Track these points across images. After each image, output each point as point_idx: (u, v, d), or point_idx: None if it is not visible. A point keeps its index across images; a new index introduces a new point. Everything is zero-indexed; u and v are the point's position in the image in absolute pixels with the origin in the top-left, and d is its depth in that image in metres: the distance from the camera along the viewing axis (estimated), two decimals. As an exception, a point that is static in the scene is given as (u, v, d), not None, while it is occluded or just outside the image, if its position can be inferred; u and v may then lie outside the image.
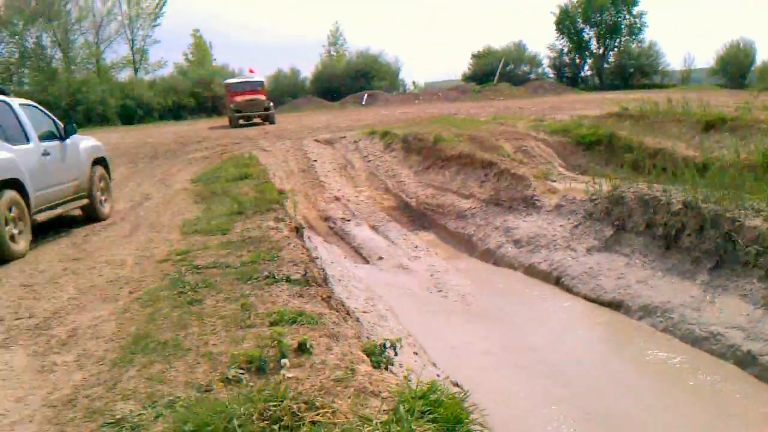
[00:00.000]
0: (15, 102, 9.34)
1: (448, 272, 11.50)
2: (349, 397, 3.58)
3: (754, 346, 7.20)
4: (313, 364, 4.11)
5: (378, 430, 3.18)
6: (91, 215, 10.86)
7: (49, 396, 4.31)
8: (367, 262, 12.49)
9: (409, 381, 3.75)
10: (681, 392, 6.96)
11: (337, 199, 16.40)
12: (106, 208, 11.19)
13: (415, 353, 7.09)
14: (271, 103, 33.39)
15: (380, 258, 12.44)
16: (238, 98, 32.33)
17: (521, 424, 6.30)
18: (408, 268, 11.78)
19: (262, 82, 35.82)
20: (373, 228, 14.52)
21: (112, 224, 10.54)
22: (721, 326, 7.76)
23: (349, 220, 14.93)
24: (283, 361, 3.97)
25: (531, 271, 11.25)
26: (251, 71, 38.12)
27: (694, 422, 6.38)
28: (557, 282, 10.59)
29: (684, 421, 6.41)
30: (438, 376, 6.45)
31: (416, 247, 13.11)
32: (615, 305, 9.32)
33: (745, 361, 7.19)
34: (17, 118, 9.10)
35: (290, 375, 3.81)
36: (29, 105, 9.85)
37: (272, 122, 31.80)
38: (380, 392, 3.66)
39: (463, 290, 10.55)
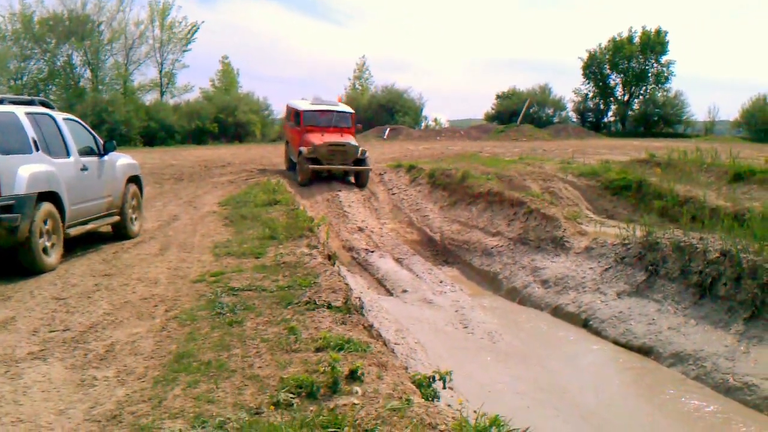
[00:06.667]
0: (59, 116, 9.45)
1: (474, 309, 11.35)
2: (407, 428, 3.49)
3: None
4: (365, 393, 4.03)
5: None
6: (120, 233, 10.88)
7: (92, 410, 4.25)
8: (391, 294, 12.36)
9: (465, 416, 3.67)
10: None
11: (361, 230, 16.34)
12: (135, 227, 11.20)
13: (451, 388, 6.99)
14: (367, 153, 20.03)
15: (404, 291, 12.32)
16: (316, 139, 19.22)
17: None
18: (433, 303, 11.65)
19: (351, 113, 21.57)
20: (397, 260, 14.42)
21: (142, 242, 10.53)
22: (756, 377, 7.60)
23: (372, 252, 14.84)
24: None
25: (558, 312, 11.09)
26: (339, 100, 24.37)
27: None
28: (585, 324, 10.42)
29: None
30: (474, 412, 6.32)
31: (441, 282, 12.99)
32: (645, 351, 9.14)
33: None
34: (60, 131, 9.18)
35: (346, 402, 3.73)
36: (72, 119, 9.95)
37: (364, 183, 19.69)
38: (437, 425, 3.58)
39: (489, 328, 10.40)
